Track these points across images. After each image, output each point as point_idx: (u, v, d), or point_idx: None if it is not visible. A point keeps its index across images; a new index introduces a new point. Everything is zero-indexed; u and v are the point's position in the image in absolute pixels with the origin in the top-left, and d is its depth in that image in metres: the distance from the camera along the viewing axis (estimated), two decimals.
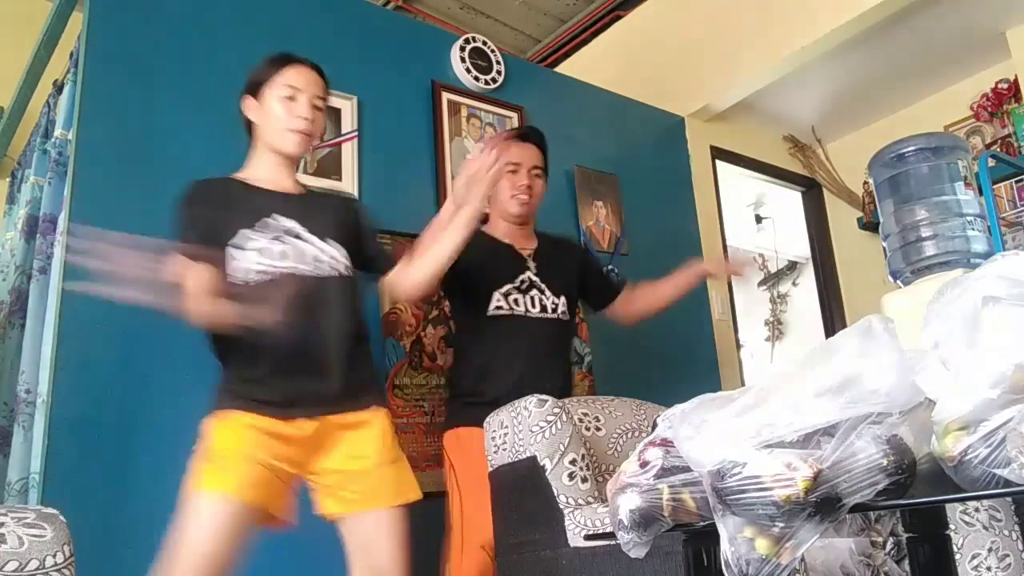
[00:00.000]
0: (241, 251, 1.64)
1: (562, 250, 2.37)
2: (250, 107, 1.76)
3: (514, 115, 3.06)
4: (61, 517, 1.19)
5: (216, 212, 1.67)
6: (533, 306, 2.16)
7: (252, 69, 1.78)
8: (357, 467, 1.66)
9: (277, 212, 1.69)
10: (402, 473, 1.71)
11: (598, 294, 2.40)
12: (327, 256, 1.70)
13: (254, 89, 1.75)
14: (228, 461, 1.54)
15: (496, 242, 2.23)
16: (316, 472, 1.66)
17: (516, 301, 2.15)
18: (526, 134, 2.32)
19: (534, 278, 2.19)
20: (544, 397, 1.80)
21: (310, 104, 1.73)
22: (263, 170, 1.76)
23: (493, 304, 2.13)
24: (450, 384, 2.29)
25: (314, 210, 1.75)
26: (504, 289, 2.14)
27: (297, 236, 1.69)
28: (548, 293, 2.19)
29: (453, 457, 2.10)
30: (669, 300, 2.34)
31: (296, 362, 1.64)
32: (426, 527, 2.32)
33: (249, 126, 1.79)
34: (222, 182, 1.74)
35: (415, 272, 1.80)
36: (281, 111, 1.71)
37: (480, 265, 2.13)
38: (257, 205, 1.70)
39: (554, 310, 2.19)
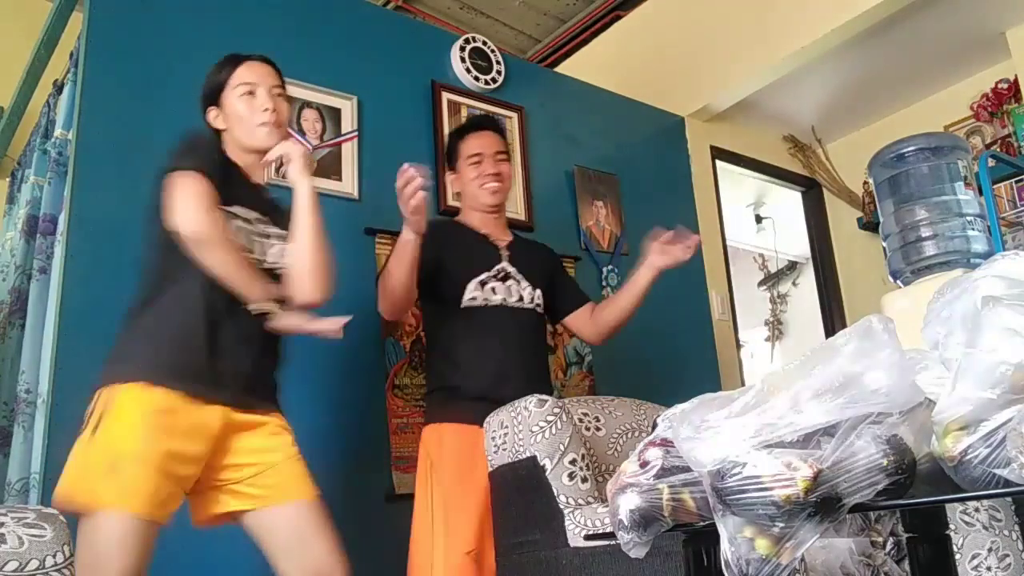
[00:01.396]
0: (231, 218, 1.63)
1: (536, 249, 2.33)
2: (214, 117, 1.76)
3: (514, 115, 3.06)
4: (61, 517, 1.19)
5: (219, 170, 1.64)
6: (510, 295, 2.12)
7: (205, 80, 1.77)
8: (266, 459, 1.60)
9: (249, 205, 1.69)
10: (304, 468, 1.65)
11: (562, 300, 2.29)
12: (279, 256, 1.70)
13: (213, 98, 1.75)
14: (132, 470, 1.43)
15: (471, 232, 2.20)
16: (217, 468, 1.58)
17: (494, 290, 2.10)
18: (480, 123, 2.31)
19: (509, 268, 2.16)
20: (544, 397, 1.80)
21: (269, 95, 1.73)
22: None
23: (468, 295, 2.08)
24: (428, 379, 2.24)
25: (276, 212, 1.75)
26: (481, 278, 2.10)
27: (263, 234, 1.70)
28: (524, 283, 2.16)
29: (435, 456, 2.02)
30: (631, 307, 2.23)
31: (243, 349, 1.61)
32: None
33: (217, 136, 1.77)
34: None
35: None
36: (244, 108, 1.71)
37: (455, 255, 2.11)
38: (240, 190, 1.69)
39: (531, 301, 2.16)
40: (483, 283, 2.10)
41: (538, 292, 2.19)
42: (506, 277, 2.14)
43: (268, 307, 1.60)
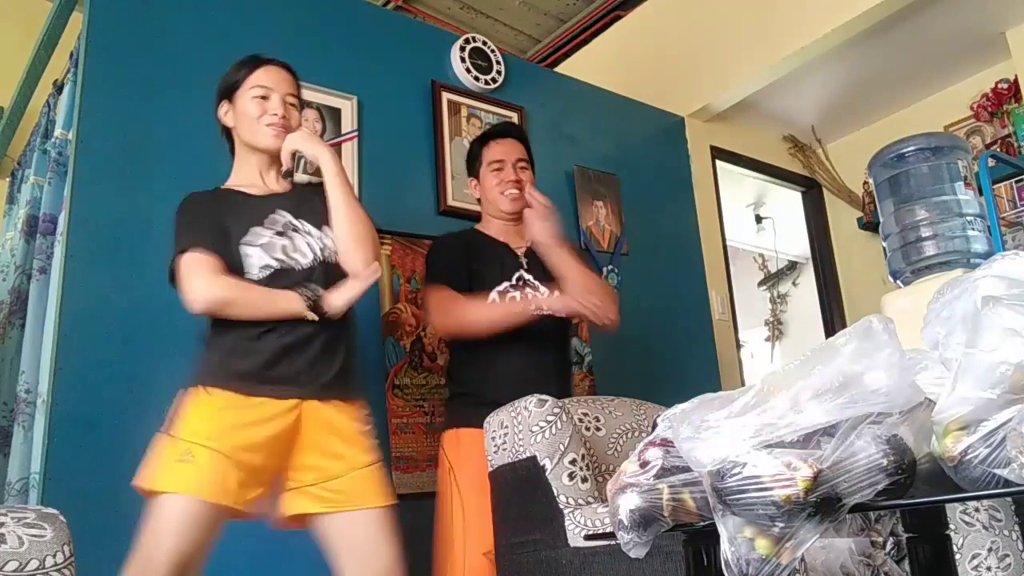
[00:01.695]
0: (251, 247, 1.67)
1: None
2: (224, 112, 1.78)
3: (514, 115, 3.06)
4: (61, 517, 1.19)
5: (222, 214, 1.69)
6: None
7: (223, 75, 1.79)
8: (337, 467, 1.63)
9: (279, 208, 1.73)
10: (383, 476, 1.68)
11: None
12: (321, 243, 1.73)
13: (228, 94, 1.77)
14: (203, 458, 1.50)
15: (491, 240, 2.22)
16: (293, 467, 1.62)
17: (513, 299, 2.12)
18: (504, 130, 2.32)
19: (527, 276, 2.17)
20: (544, 397, 1.80)
21: (283, 102, 1.75)
22: (247, 176, 1.78)
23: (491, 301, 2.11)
24: (449, 384, 2.27)
25: (300, 200, 1.77)
26: (501, 288, 2.12)
27: (295, 230, 1.72)
28: (543, 289, 2.16)
29: (453, 459, 2.06)
30: (565, 283, 2.17)
31: (291, 344, 1.63)
32: (426, 527, 2.33)
33: (226, 133, 1.80)
34: (216, 192, 1.77)
35: None
36: (255, 110, 1.74)
37: (476, 264, 2.13)
38: (257, 204, 1.72)
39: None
40: (502, 293, 2.12)
41: (556, 294, 2.17)
42: (524, 285, 2.15)
43: (303, 314, 1.62)
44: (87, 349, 1.96)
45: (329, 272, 1.70)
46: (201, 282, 1.59)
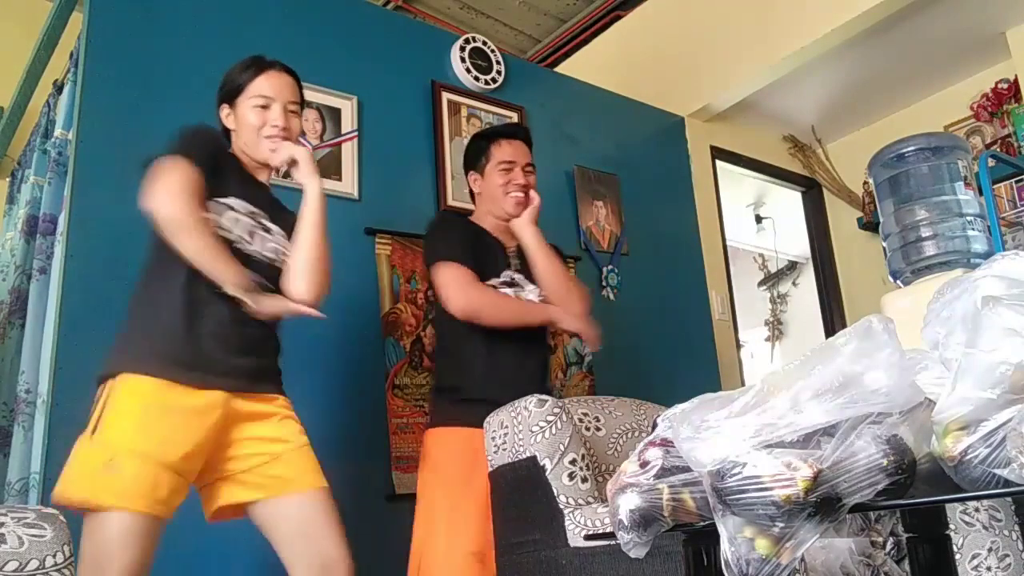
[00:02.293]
0: (226, 210, 1.64)
1: None
2: (225, 115, 1.77)
3: (514, 115, 3.06)
4: (61, 517, 1.19)
5: (214, 162, 1.66)
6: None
7: (225, 76, 1.77)
8: (273, 449, 1.60)
9: (242, 195, 1.70)
10: (314, 456, 1.64)
11: None
12: (279, 248, 1.72)
13: (229, 97, 1.76)
14: (130, 466, 1.43)
15: (485, 234, 2.21)
16: (223, 459, 1.58)
17: (531, 301, 2.13)
18: (515, 131, 2.30)
19: (515, 275, 2.17)
20: (544, 397, 1.80)
21: (283, 111, 1.73)
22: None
23: None
24: (435, 379, 2.25)
25: (281, 212, 1.77)
26: (490, 283, 2.11)
27: (265, 229, 1.70)
28: (529, 288, 2.16)
29: (436, 457, 2.03)
30: (543, 286, 2.18)
31: (223, 331, 1.60)
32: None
33: (226, 133, 1.79)
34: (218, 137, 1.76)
35: None
36: (255, 120, 1.72)
37: (476, 253, 2.11)
38: (242, 184, 1.71)
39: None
40: (495, 288, 2.11)
41: (541, 298, 2.18)
42: (512, 284, 2.15)
43: (244, 295, 1.57)
44: (87, 349, 1.96)
45: (275, 281, 1.69)
46: (173, 195, 1.51)
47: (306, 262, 1.69)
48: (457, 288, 2.03)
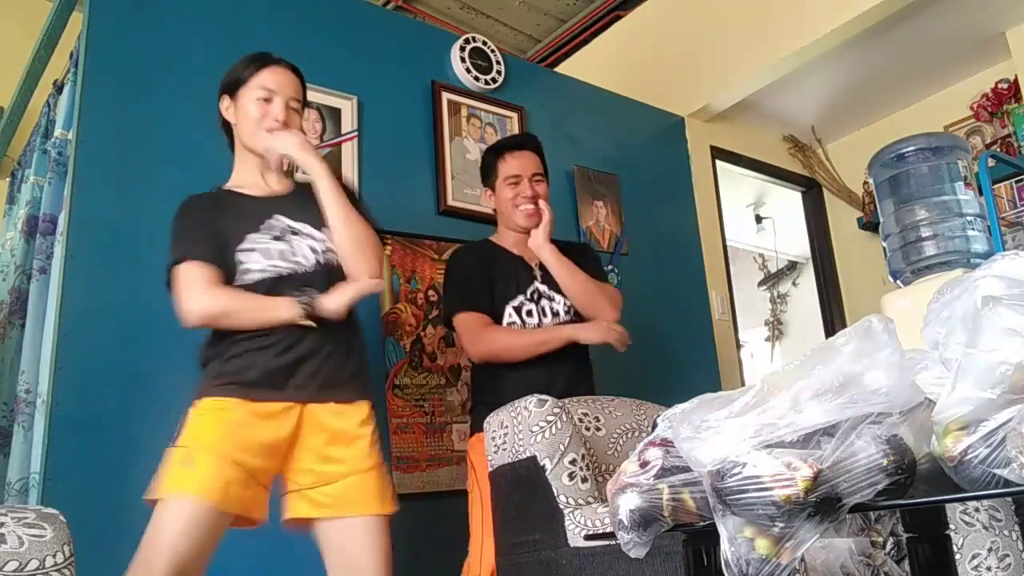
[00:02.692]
0: (249, 254, 1.66)
1: (568, 255, 2.34)
2: (225, 107, 1.77)
3: (514, 115, 3.06)
4: (61, 517, 1.19)
5: (220, 219, 1.68)
6: (544, 315, 2.16)
7: (229, 68, 1.78)
8: (336, 470, 1.62)
9: (277, 213, 1.71)
10: (382, 481, 1.66)
11: None
12: (324, 246, 1.72)
13: (230, 89, 1.76)
14: (204, 460, 1.50)
15: (506, 253, 2.23)
16: (293, 470, 1.62)
17: (529, 312, 2.15)
18: (520, 142, 2.31)
19: (541, 287, 2.19)
20: (544, 397, 1.80)
21: (285, 106, 1.73)
22: (247, 176, 1.77)
23: (506, 320, 2.13)
24: (473, 395, 2.28)
25: (300, 201, 1.76)
26: (516, 302, 2.14)
27: (295, 233, 1.71)
28: (557, 299, 2.19)
29: (476, 462, 2.07)
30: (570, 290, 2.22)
31: (296, 356, 1.63)
32: (426, 527, 2.33)
33: (225, 126, 1.79)
34: (215, 194, 1.76)
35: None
36: (256, 112, 1.72)
37: (492, 279, 2.15)
38: (256, 208, 1.71)
39: (567, 312, 2.19)
40: (518, 308, 2.14)
41: (569, 301, 2.20)
42: (540, 297, 2.17)
43: (301, 318, 1.61)
44: (87, 349, 1.96)
45: (332, 274, 1.70)
46: (195, 295, 1.59)
47: (345, 240, 1.69)
48: (470, 337, 2.10)
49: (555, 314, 2.18)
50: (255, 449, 1.55)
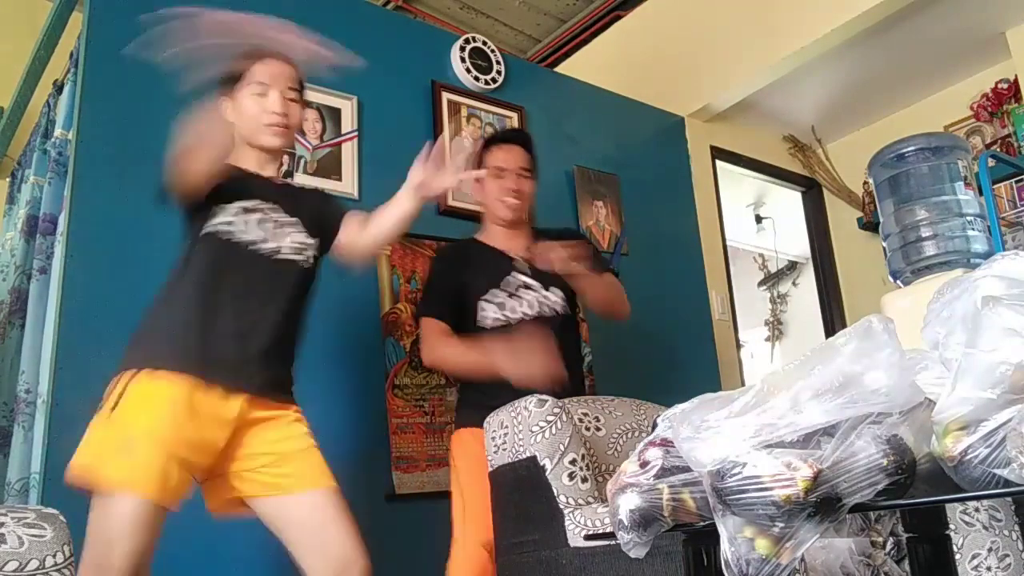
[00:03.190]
0: (238, 211, 1.68)
1: (566, 243, 2.33)
2: (224, 106, 1.77)
3: (514, 115, 3.06)
4: (61, 517, 1.19)
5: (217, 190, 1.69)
6: (530, 308, 2.13)
7: (223, 67, 1.77)
8: (284, 448, 1.62)
9: (255, 195, 1.72)
10: (320, 457, 1.66)
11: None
12: (298, 243, 1.73)
13: (226, 88, 1.76)
14: (146, 452, 1.45)
15: (487, 249, 2.21)
16: (233, 458, 1.60)
17: (512, 309, 2.12)
18: (509, 136, 2.31)
19: (528, 280, 2.16)
20: (544, 397, 1.80)
21: (282, 98, 1.74)
22: (247, 162, 1.78)
23: (479, 314, 2.11)
24: (459, 389, 2.28)
25: (296, 200, 1.78)
26: (488, 296, 2.12)
27: (275, 220, 1.72)
28: (543, 292, 2.16)
29: (457, 458, 2.09)
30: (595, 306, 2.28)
31: (247, 336, 1.62)
32: (426, 527, 2.32)
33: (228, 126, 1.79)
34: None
35: (369, 236, 1.80)
36: (254, 107, 1.72)
37: (462, 283, 2.14)
38: (249, 184, 1.72)
39: (552, 307, 2.16)
40: (501, 305, 2.12)
41: (558, 294, 2.18)
42: (528, 289, 2.15)
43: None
44: (87, 349, 1.96)
45: (287, 268, 1.71)
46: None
47: (380, 232, 1.78)
48: (424, 343, 2.14)
49: (541, 307, 2.15)
50: (199, 445, 1.53)
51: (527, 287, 2.15)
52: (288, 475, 1.60)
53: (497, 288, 2.13)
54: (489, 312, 2.11)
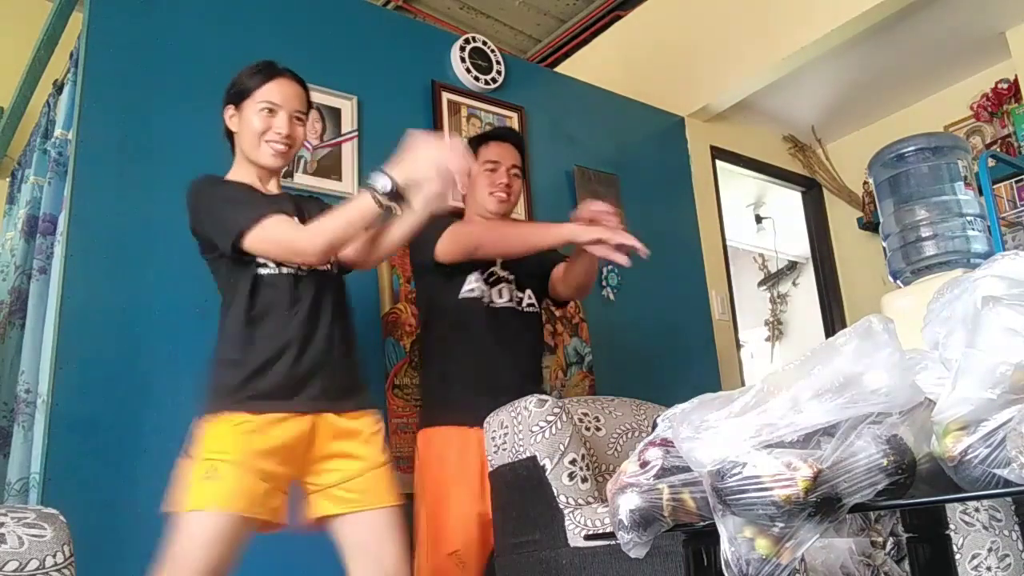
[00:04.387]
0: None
1: None
2: (229, 116, 1.77)
3: (514, 115, 3.06)
4: (61, 517, 1.19)
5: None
6: (500, 296, 2.14)
7: (234, 78, 1.77)
8: (355, 467, 1.65)
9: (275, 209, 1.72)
10: (393, 475, 1.71)
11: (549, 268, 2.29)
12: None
13: (236, 100, 1.76)
14: (227, 472, 1.51)
15: None
16: (312, 472, 1.65)
17: (486, 288, 2.13)
18: (503, 134, 2.32)
19: (500, 272, 2.17)
20: (544, 397, 1.80)
21: (289, 119, 1.73)
22: (247, 177, 1.78)
23: (466, 286, 2.10)
24: (421, 385, 2.27)
25: (300, 213, 1.77)
26: (474, 277, 2.12)
27: None
28: (515, 288, 2.17)
29: (423, 459, 2.06)
30: (577, 278, 2.21)
31: (298, 356, 1.64)
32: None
33: (229, 135, 1.80)
34: (225, 180, 1.78)
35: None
36: (259, 125, 1.72)
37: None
38: (259, 199, 1.73)
39: (514, 300, 2.17)
40: (477, 282, 2.12)
41: (528, 293, 2.20)
42: (497, 281, 2.15)
43: (379, 203, 1.60)
44: (87, 349, 1.96)
45: (320, 280, 1.72)
46: (304, 232, 1.63)
47: (392, 244, 1.79)
48: (452, 232, 2.04)
49: (510, 299, 2.16)
50: (274, 455, 1.57)
51: (501, 280, 2.16)
52: (358, 491, 1.63)
53: (478, 274, 2.13)
54: (475, 286, 2.12)
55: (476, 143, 2.27)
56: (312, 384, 1.64)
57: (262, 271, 1.66)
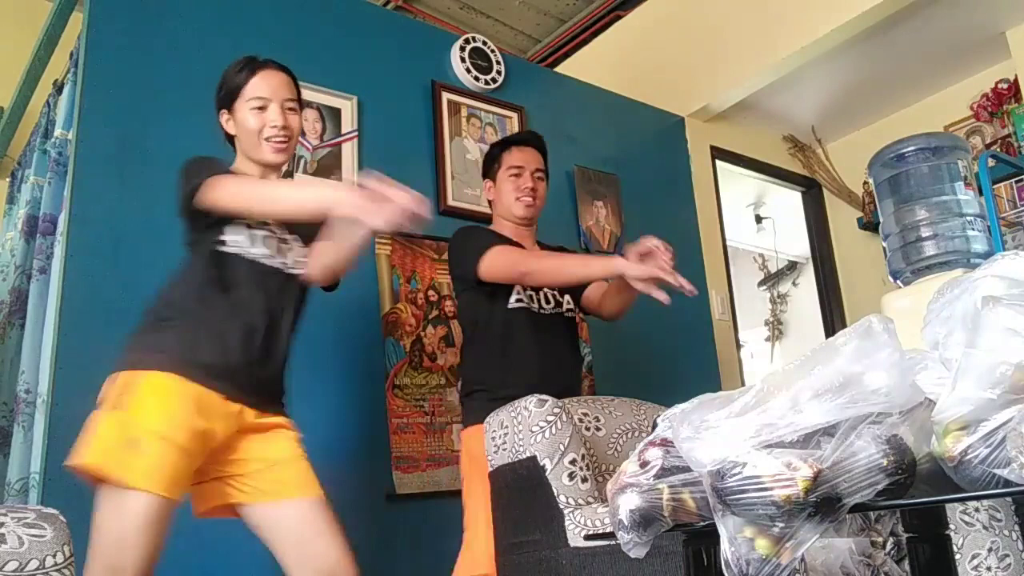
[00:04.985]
0: (243, 228, 1.68)
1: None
2: (225, 120, 1.77)
3: (514, 115, 3.06)
4: (61, 517, 1.19)
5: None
6: (547, 302, 2.19)
7: (220, 81, 1.76)
8: (279, 456, 1.63)
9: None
10: (310, 470, 1.67)
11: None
12: (300, 258, 1.75)
13: (227, 103, 1.75)
14: (156, 448, 1.46)
15: (509, 240, 2.23)
16: (224, 461, 1.61)
17: (531, 297, 2.16)
18: (526, 139, 2.33)
19: None
20: (544, 397, 1.80)
21: (281, 109, 1.73)
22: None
23: (514, 297, 2.14)
24: (464, 382, 2.26)
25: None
26: (518, 291, 2.15)
27: (281, 239, 1.73)
28: (556, 292, 2.22)
29: (478, 452, 2.01)
30: (616, 306, 2.25)
31: (253, 342, 1.63)
32: (426, 527, 2.33)
33: (230, 138, 1.80)
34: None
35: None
36: (254, 123, 1.72)
37: None
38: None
39: (559, 305, 2.22)
40: (529, 297, 2.16)
41: (567, 299, 2.24)
42: (540, 287, 2.19)
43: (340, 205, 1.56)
44: (87, 349, 1.96)
45: (290, 282, 1.72)
46: (248, 182, 1.65)
47: (323, 267, 1.77)
48: (500, 256, 2.06)
49: (557, 303, 2.21)
50: (202, 440, 1.53)
51: (537, 288, 2.19)
52: (275, 482, 1.61)
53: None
54: (521, 297, 2.15)
55: (499, 148, 2.29)
56: (253, 375, 1.62)
57: (231, 249, 1.65)
